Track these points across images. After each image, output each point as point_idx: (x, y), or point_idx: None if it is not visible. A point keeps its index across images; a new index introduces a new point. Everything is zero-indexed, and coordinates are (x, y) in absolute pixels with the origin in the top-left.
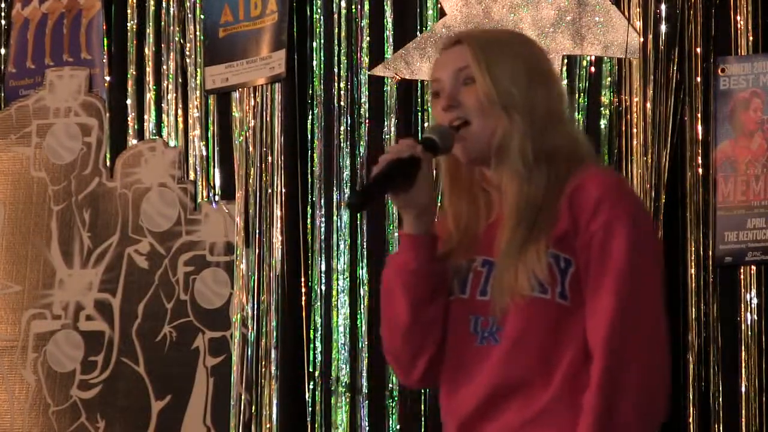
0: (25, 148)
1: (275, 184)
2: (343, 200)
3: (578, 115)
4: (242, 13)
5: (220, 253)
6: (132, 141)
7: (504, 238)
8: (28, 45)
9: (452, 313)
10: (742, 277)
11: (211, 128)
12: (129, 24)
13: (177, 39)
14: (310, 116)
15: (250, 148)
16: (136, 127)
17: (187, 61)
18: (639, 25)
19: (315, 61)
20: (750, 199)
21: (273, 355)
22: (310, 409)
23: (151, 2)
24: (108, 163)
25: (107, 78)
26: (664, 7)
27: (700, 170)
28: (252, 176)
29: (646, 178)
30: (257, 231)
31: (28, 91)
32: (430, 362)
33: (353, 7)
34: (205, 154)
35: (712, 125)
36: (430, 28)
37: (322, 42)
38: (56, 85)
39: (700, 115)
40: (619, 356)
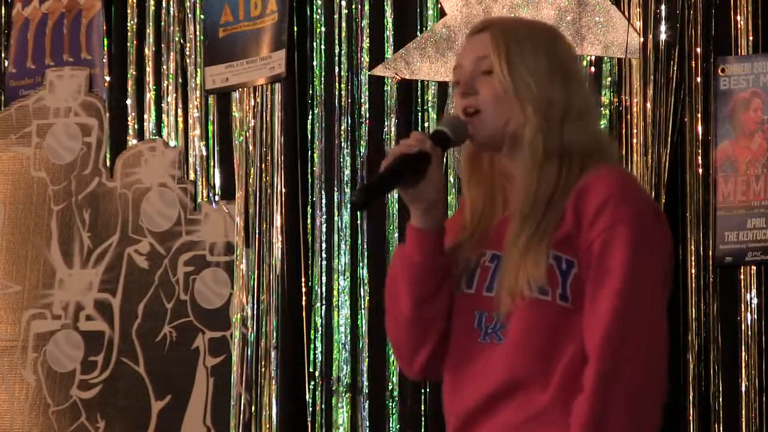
0: (25, 148)
1: (275, 184)
2: (344, 200)
3: None
4: (242, 13)
5: (220, 253)
6: (132, 141)
7: (510, 235)
8: (29, 45)
9: (458, 307)
10: (742, 277)
11: (211, 128)
12: (129, 24)
13: (177, 39)
14: (310, 116)
15: (250, 148)
16: (136, 127)
17: (187, 61)
18: (639, 25)
19: (315, 61)
20: (750, 199)
21: (273, 355)
22: (311, 409)
23: (151, 2)
24: (108, 163)
25: (107, 78)
26: (664, 7)
27: (700, 170)
28: (252, 176)
29: (646, 178)
30: (257, 231)
31: (28, 91)
32: (432, 356)
33: (353, 7)
34: (205, 154)
35: (712, 125)
36: (430, 28)
37: (323, 42)
38: (56, 85)
39: (700, 115)
40: (613, 362)
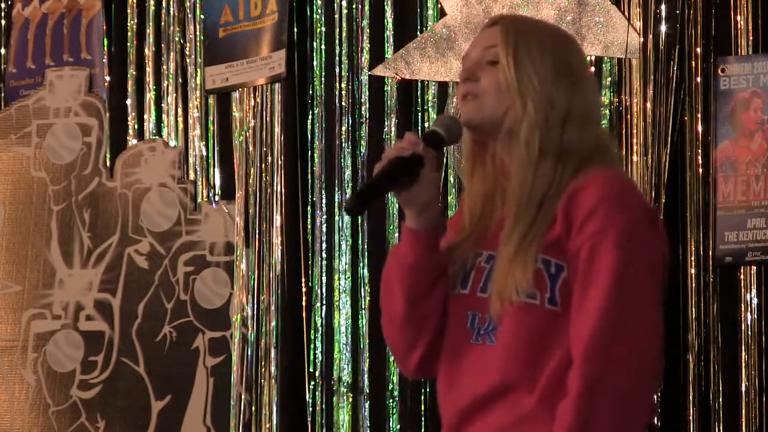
0: (25, 148)
1: (275, 184)
2: (344, 200)
3: None
4: (242, 13)
5: (220, 253)
6: (132, 141)
7: (502, 237)
8: (29, 45)
9: (453, 307)
10: (742, 277)
11: (211, 128)
12: (129, 24)
13: (177, 39)
14: (310, 116)
15: (250, 148)
16: (136, 127)
17: (187, 61)
18: (639, 25)
19: (315, 61)
20: (750, 199)
21: (273, 355)
22: (311, 409)
23: (151, 2)
24: (108, 163)
25: (107, 78)
26: (664, 7)
27: (700, 170)
28: (252, 176)
29: (646, 178)
30: (257, 231)
31: (28, 91)
32: (426, 354)
33: (353, 7)
34: (205, 154)
35: (712, 125)
36: (430, 28)
37: (323, 42)
38: (56, 85)
39: (700, 115)
40: (598, 365)
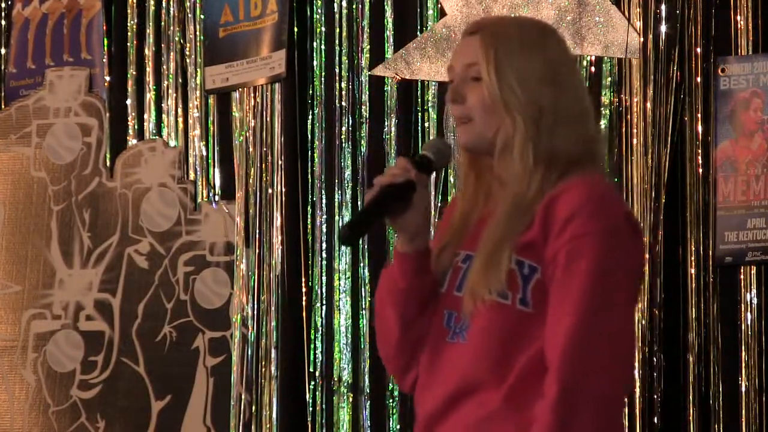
0: (25, 148)
1: (275, 184)
2: (344, 200)
3: None
4: (242, 13)
5: (220, 253)
6: (132, 141)
7: (483, 237)
8: (29, 45)
9: (435, 306)
10: (742, 277)
11: (211, 128)
12: (129, 24)
13: (177, 39)
14: (310, 116)
15: (250, 148)
16: (136, 127)
17: (187, 61)
18: (639, 25)
19: (315, 61)
20: (750, 199)
21: (273, 355)
22: (311, 409)
23: (151, 2)
24: (108, 163)
25: (107, 78)
26: (664, 7)
27: (700, 170)
28: (252, 176)
29: (646, 178)
30: (257, 231)
31: (28, 91)
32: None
33: (353, 7)
34: (205, 154)
35: (712, 125)
36: (430, 28)
37: (323, 42)
38: (56, 85)
39: (700, 115)
40: (574, 373)
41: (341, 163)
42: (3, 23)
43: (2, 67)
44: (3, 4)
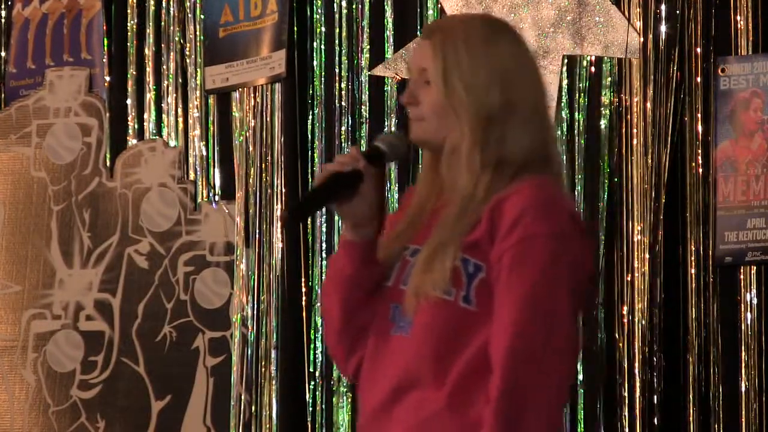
0: (25, 148)
1: (275, 184)
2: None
3: (578, 115)
4: (242, 13)
5: (220, 253)
6: (132, 141)
7: (430, 237)
8: (29, 45)
9: (380, 299)
10: (742, 277)
11: (211, 128)
12: (129, 24)
13: (177, 39)
14: (310, 116)
15: (250, 148)
16: (136, 127)
17: (187, 61)
18: (639, 25)
19: (315, 61)
20: (750, 199)
21: (273, 355)
22: (311, 409)
23: (151, 2)
24: (108, 163)
25: (107, 78)
26: (664, 7)
27: (700, 170)
28: (252, 176)
29: (646, 178)
30: (257, 231)
31: (28, 91)
32: (362, 361)
33: (353, 7)
34: (205, 154)
35: (712, 125)
36: None
37: (323, 42)
38: (56, 85)
39: (700, 115)
40: (518, 379)
41: None
42: (3, 23)
43: (2, 67)
44: (3, 4)
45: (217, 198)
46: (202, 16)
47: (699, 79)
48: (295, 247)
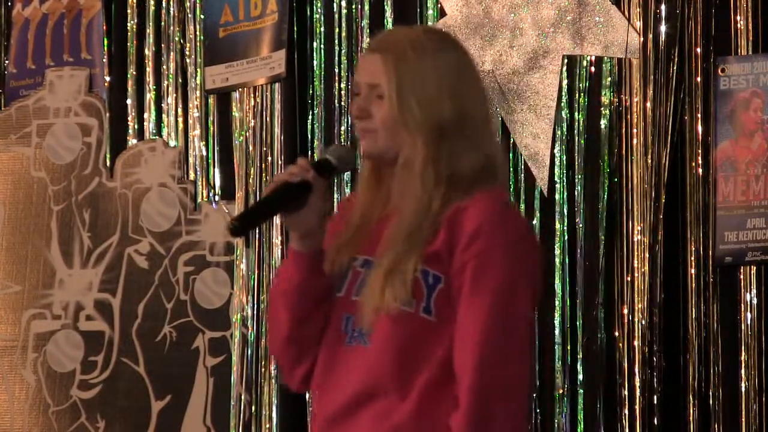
0: (25, 148)
1: None
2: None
3: (578, 115)
4: (242, 13)
5: (220, 253)
6: (132, 141)
7: (384, 248)
8: (29, 45)
9: (331, 311)
10: (742, 277)
11: (211, 128)
12: (129, 24)
13: (177, 39)
14: (310, 116)
15: (250, 148)
16: (136, 127)
17: (187, 61)
18: (639, 25)
19: (315, 61)
20: (750, 199)
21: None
22: (311, 409)
23: (151, 2)
24: (108, 163)
25: (107, 78)
26: (664, 7)
27: (700, 170)
28: (252, 176)
29: (646, 178)
30: (257, 231)
31: (28, 91)
32: (310, 370)
33: (353, 7)
34: (205, 154)
35: (712, 125)
36: None
37: (323, 42)
38: (56, 85)
39: (700, 115)
40: (487, 389)
41: None
42: (3, 23)
43: (2, 67)
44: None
45: (217, 198)
46: (202, 16)
47: (699, 79)
48: None
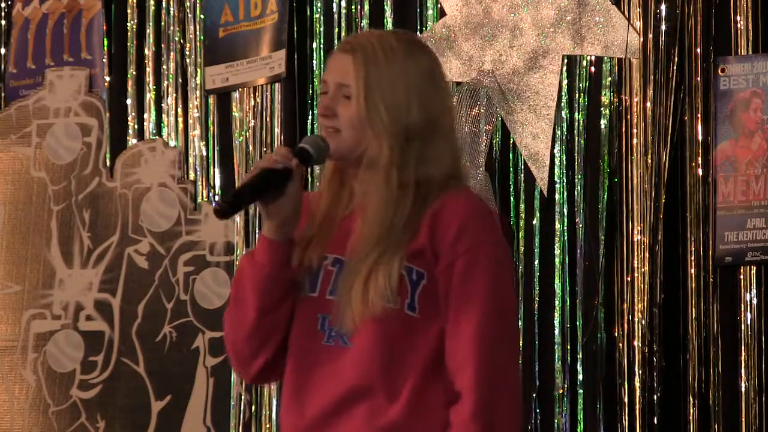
0: (25, 148)
1: None
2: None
3: (578, 115)
4: (242, 13)
5: (220, 253)
6: (132, 141)
7: (358, 253)
8: (29, 45)
9: (300, 310)
10: (742, 277)
11: (211, 128)
12: (129, 24)
13: (177, 39)
14: (310, 116)
15: (250, 148)
16: (136, 127)
17: (187, 61)
18: (639, 25)
19: (315, 61)
20: (750, 199)
21: None
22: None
23: (151, 2)
24: (108, 163)
25: (107, 78)
26: (664, 7)
27: (700, 170)
28: None
29: (646, 178)
30: (257, 231)
31: (28, 91)
32: (269, 362)
33: (353, 7)
34: (205, 154)
35: (712, 125)
36: (430, 28)
37: (322, 42)
38: (56, 85)
39: (700, 115)
40: (489, 391)
41: None
42: (3, 23)
43: (2, 67)
44: (3, 4)
45: (217, 198)
46: (202, 16)
47: (699, 79)
48: None
